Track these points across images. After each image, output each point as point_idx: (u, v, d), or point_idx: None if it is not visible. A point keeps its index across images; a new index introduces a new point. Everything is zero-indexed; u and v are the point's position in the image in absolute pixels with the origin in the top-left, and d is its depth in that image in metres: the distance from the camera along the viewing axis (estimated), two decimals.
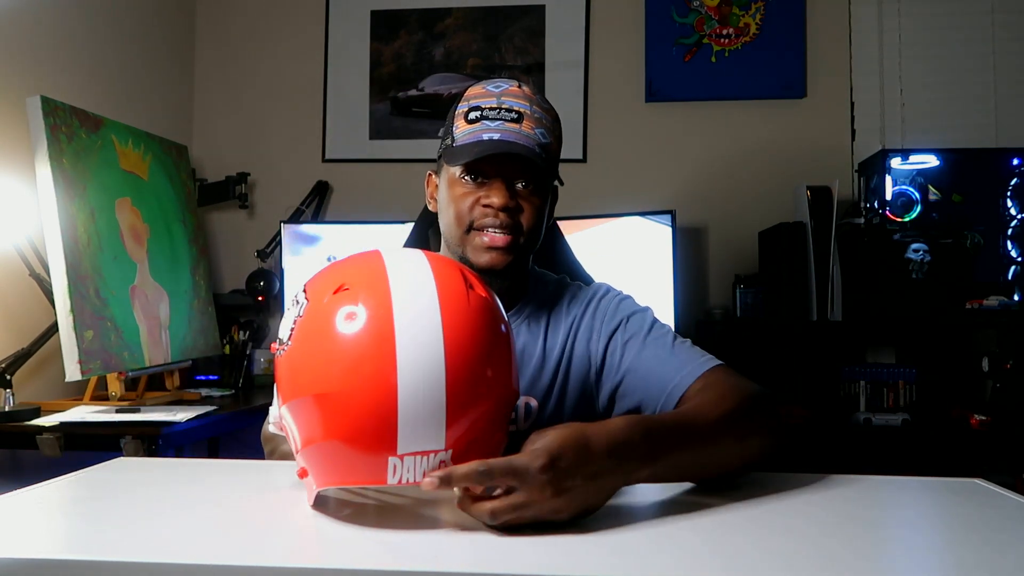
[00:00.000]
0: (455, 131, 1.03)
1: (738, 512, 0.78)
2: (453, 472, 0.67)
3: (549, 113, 1.06)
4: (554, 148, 1.06)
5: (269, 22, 3.02)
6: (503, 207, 1.00)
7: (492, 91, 1.03)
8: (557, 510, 0.69)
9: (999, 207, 2.38)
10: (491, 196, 1.01)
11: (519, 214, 1.02)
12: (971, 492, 0.88)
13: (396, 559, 0.64)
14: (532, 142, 1.01)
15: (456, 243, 1.04)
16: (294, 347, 0.74)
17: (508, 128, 1.00)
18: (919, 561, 0.69)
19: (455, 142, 1.02)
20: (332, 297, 0.73)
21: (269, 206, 2.92)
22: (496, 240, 1.01)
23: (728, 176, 2.78)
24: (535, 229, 1.05)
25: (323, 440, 0.71)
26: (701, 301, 2.73)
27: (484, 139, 0.99)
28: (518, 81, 1.06)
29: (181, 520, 0.75)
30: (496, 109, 1.01)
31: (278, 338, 0.77)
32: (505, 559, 0.64)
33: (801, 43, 2.75)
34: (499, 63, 2.90)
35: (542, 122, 1.04)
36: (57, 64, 2.24)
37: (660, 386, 0.99)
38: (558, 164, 1.10)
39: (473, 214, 1.02)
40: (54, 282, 1.77)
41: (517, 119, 1.00)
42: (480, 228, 1.02)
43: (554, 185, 1.11)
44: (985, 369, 2.29)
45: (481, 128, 1.00)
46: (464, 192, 1.03)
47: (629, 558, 0.65)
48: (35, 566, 0.61)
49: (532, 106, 1.03)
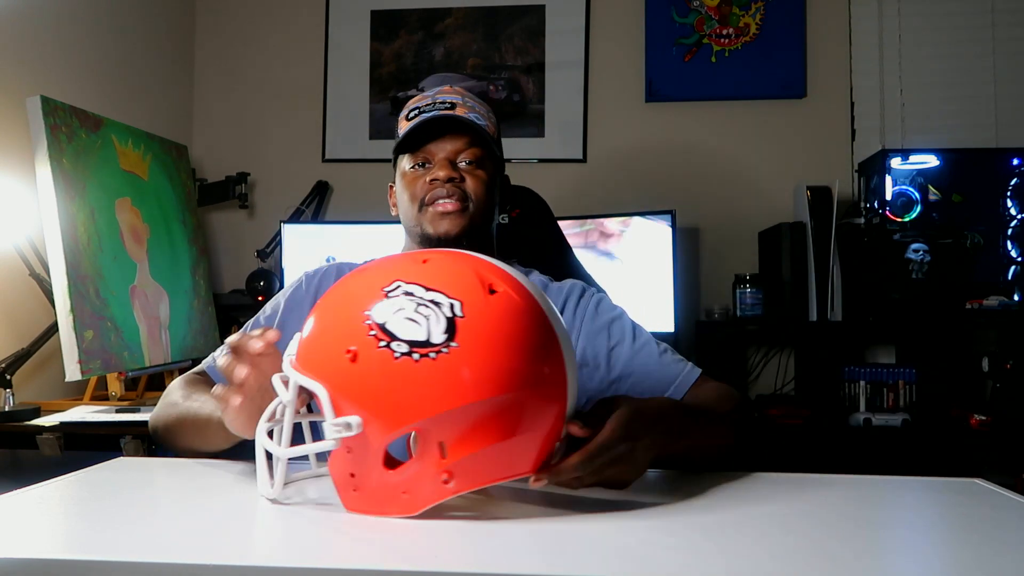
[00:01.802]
0: (399, 132, 1.15)
1: (738, 512, 0.78)
2: (562, 470, 0.75)
3: (482, 104, 1.18)
4: (490, 130, 1.15)
5: (269, 22, 3.02)
6: (448, 178, 1.10)
7: (426, 94, 1.16)
8: (626, 473, 0.80)
9: (999, 207, 2.38)
10: (436, 171, 1.11)
11: (465, 184, 1.12)
12: (971, 492, 0.88)
13: (396, 559, 0.64)
14: (467, 119, 1.12)
15: (414, 222, 1.13)
16: (464, 348, 0.69)
17: (443, 114, 1.12)
18: (919, 561, 0.69)
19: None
20: (490, 298, 0.73)
21: (269, 206, 2.92)
22: (446, 206, 1.10)
23: (728, 176, 2.78)
24: (484, 198, 1.13)
25: (497, 441, 0.71)
26: (701, 301, 2.73)
27: (420, 119, 1.12)
28: (452, 85, 1.19)
29: (181, 520, 0.75)
30: (431, 104, 1.13)
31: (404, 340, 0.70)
32: (505, 559, 0.64)
33: (801, 43, 2.75)
34: (499, 63, 2.90)
35: (475, 109, 1.15)
36: (57, 64, 2.24)
37: (659, 391, 1.07)
38: (501, 147, 1.20)
39: (422, 192, 1.12)
40: (54, 282, 1.77)
41: (451, 107, 1.13)
42: (431, 202, 1.11)
43: (505, 174, 1.21)
44: (985, 369, 2.29)
45: (419, 119, 1.12)
46: (413, 177, 1.13)
47: (629, 558, 0.65)
48: (35, 566, 0.61)
49: (464, 98, 1.15)
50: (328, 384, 0.72)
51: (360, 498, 0.74)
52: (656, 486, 0.89)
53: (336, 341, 0.72)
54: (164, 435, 1.07)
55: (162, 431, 1.07)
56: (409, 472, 0.73)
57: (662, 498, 0.82)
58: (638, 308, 2.41)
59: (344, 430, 0.70)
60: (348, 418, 0.70)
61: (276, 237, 2.73)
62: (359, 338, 0.71)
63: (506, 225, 1.70)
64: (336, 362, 0.71)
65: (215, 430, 0.91)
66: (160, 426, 1.08)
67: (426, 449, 0.71)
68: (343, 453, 0.73)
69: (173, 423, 1.04)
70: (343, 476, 0.75)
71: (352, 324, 0.72)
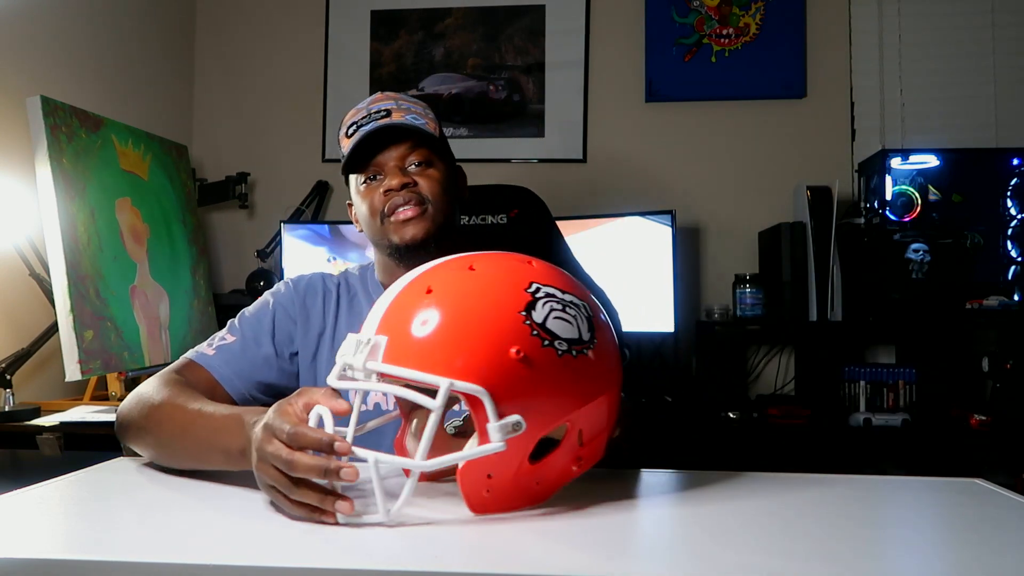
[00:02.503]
0: (342, 150, 1.15)
1: (738, 512, 0.78)
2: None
3: (417, 103, 1.17)
4: (431, 127, 1.14)
5: (269, 22, 3.02)
6: (401, 185, 1.10)
7: (360, 107, 1.16)
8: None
9: (999, 207, 2.38)
10: (389, 181, 1.11)
11: (419, 187, 1.12)
12: (971, 492, 0.88)
13: (396, 559, 0.64)
14: (405, 123, 1.12)
15: (379, 236, 1.13)
16: (600, 345, 0.78)
17: (380, 123, 1.11)
18: (919, 561, 0.69)
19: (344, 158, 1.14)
20: (594, 301, 0.83)
21: (269, 206, 2.92)
22: (407, 212, 1.10)
23: (728, 176, 2.78)
24: (441, 197, 1.13)
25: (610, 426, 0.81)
26: (701, 301, 2.73)
27: (361, 134, 1.11)
28: (383, 92, 1.20)
29: (181, 520, 0.75)
30: (366, 116, 1.13)
31: (562, 338, 0.75)
32: (505, 559, 0.64)
33: (801, 43, 2.75)
34: (499, 63, 2.90)
35: (411, 110, 1.14)
36: (57, 64, 2.24)
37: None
38: (446, 141, 1.19)
39: (380, 204, 1.12)
40: (54, 282, 1.77)
41: (386, 115, 1.12)
42: (391, 212, 1.11)
43: (457, 166, 1.21)
44: (985, 369, 2.29)
45: (358, 134, 1.11)
46: (367, 191, 1.13)
47: (629, 558, 0.65)
48: (35, 566, 0.61)
49: (398, 102, 1.15)
50: (488, 386, 0.71)
51: (491, 498, 0.75)
52: (656, 486, 0.89)
53: (497, 343, 0.73)
54: (147, 436, 0.99)
55: (152, 435, 0.98)
56: (551, 462, 0.76)
57: (662, 498, 0.82)
58: (638, 308, 2.43)
59: (511, 431, 0.72)
60: (512, 418, 0.72)
61: (276, 237, 2.73)
62: (523, 338, 0.73)
63: (504, 225, 1.70)
64: (500, 364, 0.72)
65: (221, 459, 0.87)
66: (148, 426, 0.99)
67: (569, 438, 0.77)
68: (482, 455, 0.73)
69: (176, 431, 0.95)
70: (478, 479, 0.74)
71: (512, 325, 0.74)
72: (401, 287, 0.80)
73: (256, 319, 1.17)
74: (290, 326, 1.17)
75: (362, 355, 0.74)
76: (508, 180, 1.82)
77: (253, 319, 1.17)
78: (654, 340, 2.50)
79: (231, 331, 1.16)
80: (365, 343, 0.75)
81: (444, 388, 0.70)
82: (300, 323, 1.17)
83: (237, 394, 1.10)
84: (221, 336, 1.15)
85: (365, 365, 0.74)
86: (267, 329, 1.15)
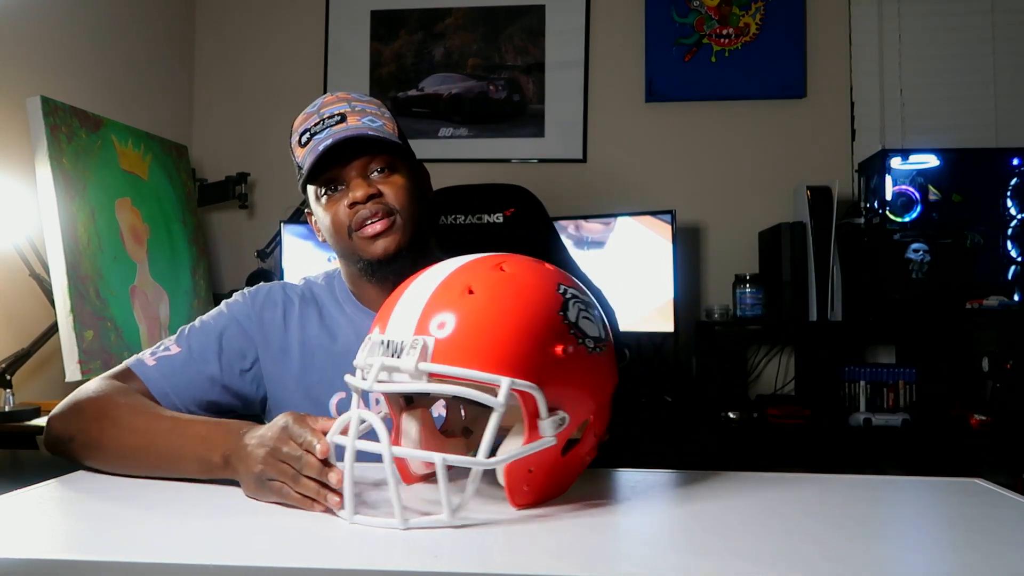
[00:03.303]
0: (297, 160, 1.09)
1: (738, 512, 0.78)
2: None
3: (371, 103, 1.12)
4: (389, 128, 1.09)
5: (269, 22, 3.02)
6: (367, 197, 1.05)
7: (311, 111, 1.10)
8: None
9: (999, 207, 2.38)
10: (353, 193, 1.05)
11: (385, 197, 1.06)
12: (971, 492, 0.88)
13: (396, 559, 0.64)
14: (362, 129, 1.05)
15: (347, 251, 1.09)
16: (608, 343, 0.82)
17: (335, 130, 1.05)
18: (919, 561, 0.69)
19: (301, 168, 1.08)
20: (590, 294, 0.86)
21: (269, 206, 2.92)
22: (375, 227, 1.05)
23: (728, 176, 2.78)
24: (409, 204, 1.08)
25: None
26: (701, 301, 2.73)
27: (319, 148, 1.04)
28: (332, 92, 1.13)
29: (181, 520, 0.75)
30: (320, 123, 1.07)
31: (590, 336, 0.79)
32: (505, 559, 0.65)
33: (801, 43, 2.75)
34: (499, 63, 2.90)
35: (366, 111, 1.09)
36: (57, 64, 2.24)
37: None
38: (406, 141, 1.13)
39: (346, 218, 1.06)
40: (54, 282, 1.77)
41: (341, 119, 1.06)
42: (358, 227, 1.06)
43: (419, 164, 1.16)
44: (985, 369, 2.29)
45: (314, 143, 1.06)
46: (330, 204, 1.08)
47: (629, 558, 0.65)
48: (35, 566, 0.61)
49: (351, 103, 1.09)
50: (540, 383, 0.74)
51: (530, 492, 0.77)
52: (656, 486, 0.89)
53: (544, 342, 0.75)
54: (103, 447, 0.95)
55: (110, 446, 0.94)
56: (576, 454, 0.79)
57: (662, 498, 0.82)
58: (638, 308, 2.43)
59: (559, 425, 0.75)
60: (560, 413, 0.75)
61: (276, 237, 2.73)
62: (565, 337, 0.76)
63: (500, 224, 1.70)
64: (548, 361, 0.75)
65: (194, 468, 0.88)
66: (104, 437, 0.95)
67: (589, 431, 0.80)
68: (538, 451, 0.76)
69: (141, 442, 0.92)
70: (521, 474, 0.76)
71: (554, 324, 0.76)
72: (433, 288, 0.78)
73: (205, 333, 1.11)
74: (243, 342, 1.11)
75: (412, 357, 0.73)
76: (508, 180, 1.83)
77: (202, 332, 1.11)
78: (654, 340, 2.50)
79: (178, 340, 1.10)
80: (411, 345, 0.73)
81: (505, 386, 0.72)
82: (257, 337, 1.12)
83: (171, 408, 1.03)
84: (166, 346, 1.09)
85: (417, 366, 0.72)
86: (214, 347, 1.09)
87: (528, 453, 0.74)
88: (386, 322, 0.78)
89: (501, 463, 0.74)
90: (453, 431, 0.92)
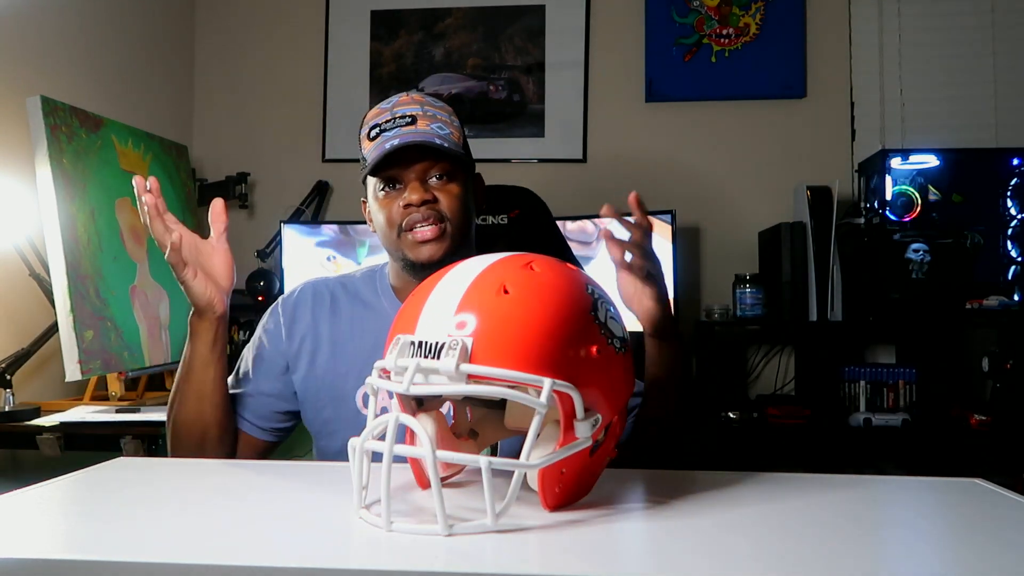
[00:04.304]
0: (364, 152, 1.13)
1: (738, 512, 0.78)
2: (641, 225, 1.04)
3: (443, 109, 1.15)
4: (455, 136, 1.13)
5: (269, 22, 3.02)
6: (421, 202, 1.09)
7: (384, 107, 1.13)
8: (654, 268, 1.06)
9: (999, 207, 2.38)
10: (409, 196, 1.09)
11: (439, 204, 1.10)
12: (971, 492, 0.88)
13: (395, 559, 0.64)
14: (430, 135, 1.09)
15: (394, 248, 1.13)
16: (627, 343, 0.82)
17: (404, 131, 1.09)
18: (919, 561, 0.68)
19: (366, 161, 1.12)
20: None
21: (269, 206, 2.92)
22: (425, 234, 1.09)
23: (728, 176, 2.78)
24: (460, 213, 1.12)
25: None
26: (701, 301, 2.73)
27: (386, 147, 1.08)
28: (407, 92, 1.17)
29: (181, 520, 0.75)
30: (391, 120, 1.10)
31: (617, 337, 0.79)
32: (505, 559, 0.64)
33: (801, 43, 2.75)
34: (499, 63, 2.90)
35: (436, 117, 1.12)
36: (57, 64, 2.24)
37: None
38: (468, 150, 1.18)
39: (399, 217, 1.10)
40: (54, 282, 1.77)
41: (411, 122, 1.10)
42: (409, 228, 1.10)
43: (476, 173, 1.20)
44: (985, 369, 2.29)
45: (381, 140, 1.09)
46: (386, 201, 1.12)
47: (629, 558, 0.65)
48: (35, 566, 0.61)
49: (423, 107, 1.13)
50: (577, 383, 0.73)
51: (560, 493, 0.76)
52: (656, 486, 0.89)
53: (579, 342, 0.74)
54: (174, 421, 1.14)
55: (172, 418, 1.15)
56: (602, 454, 0.79)
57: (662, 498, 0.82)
58: None
59: (594, 426, 0.74)
60: (595, 414, 0.75)
61: (276, 237, 2.73)
62: (596, 337, 0.76)
63: (505, 225, 1.70)
64: (584, 362, 0.74)
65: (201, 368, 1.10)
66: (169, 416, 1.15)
67: (613, 430, 0.80)
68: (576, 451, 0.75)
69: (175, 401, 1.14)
70: (554, 476, 0.75)
71: (587, 324, 0.76)
72: (465, 287, 0.75)
73: (254, 361, 1.20)
74: (279, 359, 1.19)
75: (451, 358, 0.70)
76: (508, 180, 1.82)
77: (253, 362, 1.20)
78: None
79: (240, 382, 1.20)
80: (449, 346, 0.71)
81: (547, 387, 0.70)
82: (290, 343, 1.19)
83: (262, 435, 1.18)
84: (231, 385, 1.19)
85: (458, 368, 0.70)
86: (265, 369, 1.19)
87: (567, 455, 0.73)
88: (414, 322, 0.75)
89: (543, 464, 0.72)
90: (460, 433, 0.90)
